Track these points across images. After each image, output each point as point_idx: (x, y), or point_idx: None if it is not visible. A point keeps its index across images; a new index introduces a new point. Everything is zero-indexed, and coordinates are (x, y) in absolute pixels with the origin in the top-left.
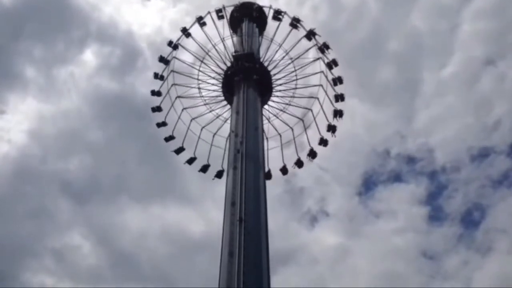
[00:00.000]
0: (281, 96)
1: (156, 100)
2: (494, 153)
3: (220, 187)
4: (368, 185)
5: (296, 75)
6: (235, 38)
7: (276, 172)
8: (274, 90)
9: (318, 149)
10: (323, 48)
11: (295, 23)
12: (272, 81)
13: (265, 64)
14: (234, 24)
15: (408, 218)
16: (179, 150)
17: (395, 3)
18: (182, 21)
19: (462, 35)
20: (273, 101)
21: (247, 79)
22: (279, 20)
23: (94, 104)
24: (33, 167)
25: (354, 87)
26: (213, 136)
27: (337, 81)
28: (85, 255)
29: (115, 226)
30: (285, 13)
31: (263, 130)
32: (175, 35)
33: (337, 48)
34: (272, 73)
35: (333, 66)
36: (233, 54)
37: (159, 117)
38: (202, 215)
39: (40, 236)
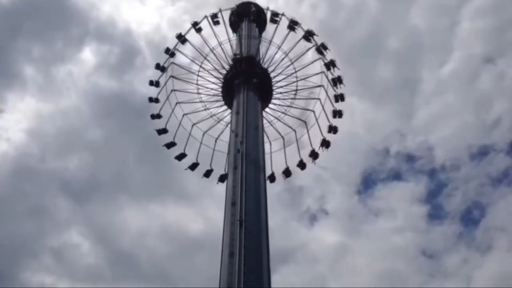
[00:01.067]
0: (283, 99)
1: (155, 104)
2: (494, 151)
3: (219, 186)
4: (368, 183)
5: (296, 77)
6: (234, 41)
7: (279, 175)
8: (275, 93)
9: (320, 150)
10: (321, 48)
11: (292, 25)
12: (273, 83)
13: (265, 66)
14: (234, 24)
15: (407, 217)
16: (181, 156)
17: (395, 1)
18: (180, 19)
19: (462, 33)
20: (275, 104)
21: (247, 82)
22: (276, 22)
23: (93, 103)
24: (32, 166)
25: (354, 86)
26: (216, 141)
27: (337, 81)
28: (84, 254)
29: (114, 225)
30: (282, 14)
31: (264, 132)
32: (173, 34)
33: (336, 47)
34: (272, 75)
35: (331, 67)
36: (233, 57)
37: (159, 122)
38: (201, 213)
39: (39, 235)
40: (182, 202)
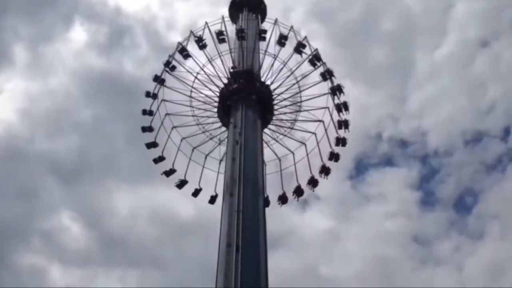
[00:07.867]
0: (284, 120)
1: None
2: (488, 137)
3: (209, 171)
4: (360, 168)
5: (300, 97)
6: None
7: (274, 200)
8: (276, 113)
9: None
10: (326, 74)
11: (301, 49)
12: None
13: (267, 82)
14: (233, 14)
15: (399, 203)
16: (170, 172)
17: None
18: None
19: (457, 15)
20: (274, 124)
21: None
22: (283, 45)
23: (81, 83)
24: (21, 147)
25: (347, 69)
26: (205, 158)
27: (342, 106)
28: (74, 237)
29: (104, 208)
30: (290, 32)
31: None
32: (163, 14)
33: (329, 28)
34: (272, 87)
35: (337, 92)
36: (230, 70)
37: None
38: (191, 197)
39: (28, 217)
40: (171, 185)
